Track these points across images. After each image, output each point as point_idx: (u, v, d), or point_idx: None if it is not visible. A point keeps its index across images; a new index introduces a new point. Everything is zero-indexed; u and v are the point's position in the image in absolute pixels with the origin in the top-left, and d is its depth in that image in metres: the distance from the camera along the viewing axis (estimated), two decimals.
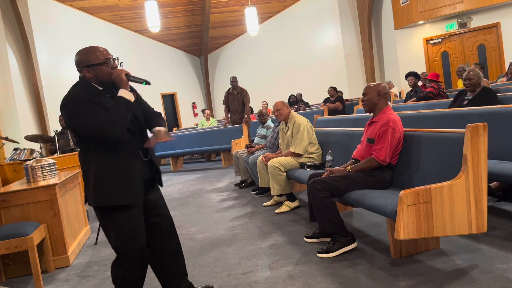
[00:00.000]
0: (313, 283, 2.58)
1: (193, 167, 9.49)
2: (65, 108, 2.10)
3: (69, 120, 2.11)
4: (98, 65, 2.17)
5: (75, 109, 2.09)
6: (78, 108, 2.09)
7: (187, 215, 4.86)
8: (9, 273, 3.50)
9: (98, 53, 2.18)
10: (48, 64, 10.90)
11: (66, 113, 2.10)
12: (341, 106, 9.57)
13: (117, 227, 2.19)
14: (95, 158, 2.16)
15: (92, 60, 2.17)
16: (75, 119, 2.09)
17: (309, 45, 13.64)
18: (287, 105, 4.72)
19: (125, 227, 2.19)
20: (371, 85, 3.26)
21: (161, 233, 2.45)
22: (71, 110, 2.09)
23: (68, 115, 2.10)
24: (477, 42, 10.54)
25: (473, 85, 4.37)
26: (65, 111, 2.11)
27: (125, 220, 2.19)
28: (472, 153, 2.42)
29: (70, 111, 2.09)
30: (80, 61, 2.19)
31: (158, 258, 2.46)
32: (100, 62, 2.17)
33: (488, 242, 2.80)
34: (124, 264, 2.23)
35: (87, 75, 2.18)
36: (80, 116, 2.08)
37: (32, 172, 3.85)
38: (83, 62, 2.17)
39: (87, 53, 2.18)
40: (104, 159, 2.16)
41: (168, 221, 2.48)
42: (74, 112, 2.09)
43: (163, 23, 12.43)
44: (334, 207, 3.03)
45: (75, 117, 2.09)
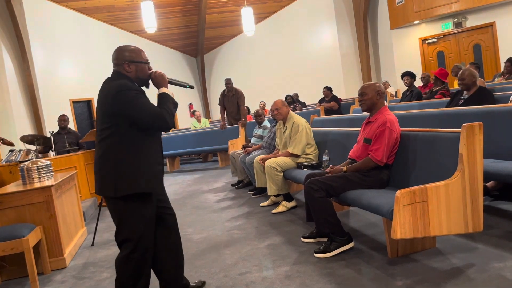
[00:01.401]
0: (310, 283, 2.58)
1: (190, 168, 9.48)
2: (120, 95, 2.19)
3: (124, 105, 2.19)
4: (141, 63, 2.36)
5: (133, 97, 2.22)
6: (136, 96, 2.23)
7: (184, 216, 4.85)
8: (5, 275, 3.49)
9: (142, 53, 2.40)
10: (43, 65, 10.85)
11: (121, 100, 2.19)
12: (336, 105, 9.58)
13: (140, 216, 2.27)
14: (127, 147, 2.24)
15: (137, 58, 2.36)
16: (133, 106, 2.20)
17: (305, 45, 13.65)
18: (287, 104, 4.72)
19: (147, 216, 2.29)
20: (368, 84, 3.26)
21: (167, 227, 2.54)
22: (128, 98, 2.20)
23: (124, 102, 2.19)
24: (473, 42, 10.59)
25: (466, 85, 4.38)
26: (120, 98, 2.19)
27: (147, 209, 2.30)
28: (468, 152, 2.43)
29: (127, 98, 2.20)
30: (124, 55, 2.33)
31: (161, 252, 2.50)
32: (144, 61, 2.38)
33: (484, 241, 2.81)
34: (140, 255, 2.29)
35: (126, 69, 2.33)
36: (139, 104, 2.21)
37: (28, 173, 3.83)
38: (127, 58, 2.33)
39: (134, 51, 2.36)
40: (136, 148, 2.26)
41: (174, 217, 2.60)
42: (132, 100, 2.21)
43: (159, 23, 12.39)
44: (331, 207, 3.03)
45: (133, 104, 2.20)
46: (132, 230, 2.26)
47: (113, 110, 2.21)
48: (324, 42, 13.12)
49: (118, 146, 2.23)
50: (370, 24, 12.60)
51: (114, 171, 2.23)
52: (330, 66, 12.93)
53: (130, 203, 2.25)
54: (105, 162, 2.25)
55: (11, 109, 9.48)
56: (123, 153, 2.23)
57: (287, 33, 14.07)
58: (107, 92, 2.23)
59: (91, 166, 6.12)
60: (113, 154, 2.24)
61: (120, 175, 2.23)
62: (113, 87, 2.23)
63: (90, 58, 12.24)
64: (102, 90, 2.28)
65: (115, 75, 2.34)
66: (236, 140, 7.97)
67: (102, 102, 2.25)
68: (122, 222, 2.28)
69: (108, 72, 2.44)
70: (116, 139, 2.23)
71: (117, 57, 2.34)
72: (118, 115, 2.21)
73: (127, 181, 2.23)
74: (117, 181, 2.22)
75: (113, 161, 2.23)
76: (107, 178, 2.25)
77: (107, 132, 2.23)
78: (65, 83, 11.54)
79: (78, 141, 6.90)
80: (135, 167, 2.24)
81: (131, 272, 2.28)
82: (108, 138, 2.24)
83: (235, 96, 8.40)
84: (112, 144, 2.24)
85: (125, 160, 2.23)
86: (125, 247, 2.28)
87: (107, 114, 2.23)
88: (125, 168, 2.23)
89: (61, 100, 11.31)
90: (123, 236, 2.28)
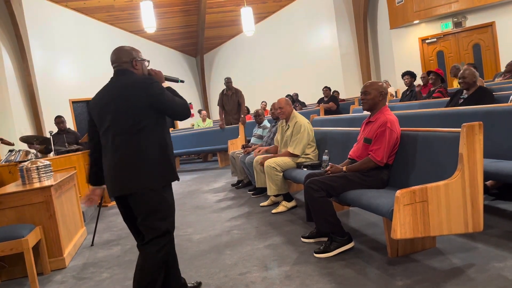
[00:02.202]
0: (310, 283, 2.58)
1: (190, 168, 9.48)
2: (154, 85, 2.29)
3: (159, 97, 2.27)
4: (143, 61, 2.45)
5: (163, 89, 2.33)
6: (164, 88, 2.34)
7: (183, 216, 4.85)
8: (5, 276, 3.48)
9: (140, 53, 2.48)
10: (43, 64, 10.84)
11: (155, 92, 2.27)
12: (334, 106, 9.57)
13: (169, 205, 2.36)
14: (161, 138, 2.33)
15: (140, 56, 2.44)
16: (166, 97, 2.29)
17: (305, 45, 13.65)
18: (291, 104, 4.71)
19: (172, 203, 2.40)
20: (372, 83, 3.21)
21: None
22: (160, 90, 2.31)
23: (158, 93, 2.28)
24: (472, 41, 10.58)
25: (467, 84, 4.38)
26: (154, 90, 2.27)
27: (171, 197, 2.41)
28: (468, 152, 2.43)
29: (160, 90, 2.30)
30: (132, 54, 2.40)
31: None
32: (145, 59, 2.48)
33: (484, 241, 2.81)
34: (171, 238, 2.36)
35: (136, 66, 2.40)
36: (167, 95, 2.31)
37: (28, 173, 3.83)
38: (134, 56, 2.40)
39: (134, 50, 2.43)
40: (166, 139, 2.36)
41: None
42: (163, 91, 2.31)
43: (159, 23, 12.38)
44: (331, 207, 3.03)
45: (165, 95, 2.30)
46: (164, 216, 2.32)
47: (149, 102, 2.25)
48: (324, 42, 13.12)
49: (154, 137, 2.29)
50: (369, 24, 12.59)
51: (155, 161, 2.28)
52: (330, 66, 12.93)
53: (165, 193, 2.33)
54: (140, 155, 2.25)
55: (11, 109, 9.47)
56: (159, 144, 2.31)
57: (286, 33, 14.06)
58: (134, 86, 2.27)
59: None
60: (150, 145, 2.27)
61: (162, 164, 2.30)
62: (141, 80, 2.30)
63: (90, 58, 12.23)
64: (122, 86, 2.29)
65: (124, 72, 2.36)
66: (236, 140, 7.96)
67: (131, 95, 2.26)
68: (161, 216, 2.30)
69: (107, 72, 2.45)
70: (151, 131, 2.29)
71: (125, 55, 2.38)
72: (152, 107, 2.27)
73: (166, 170, 2.32)
74: (160, 171, 2.29)
75: (152, 153, 2.27)
76: (148, 170, 2.26)
77: (140, 124, 2.25)
78: (65, 83, 11.53)
79: (77, 141, 6.89)
80: (168, 157, 2.34)
81: (160, 264, 2.29)
82: (142, 130, 2.26)
83: (235, 94, 8.41)
84: (147, 135, 2.27)
85: (162, 150, 2.31)
86: (160, 241, 2.29)
87: (140, 107, 2.25)
88: (164, 159, 2.31)
89: (60, 100, 11.31)
90: (163, 229, 2.30)
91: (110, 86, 2.36)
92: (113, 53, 2.40)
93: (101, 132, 2.37)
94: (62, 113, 8.50)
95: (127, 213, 2.41)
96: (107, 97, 2.33)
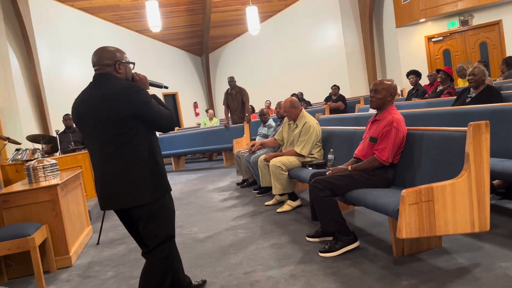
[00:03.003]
0: (315, 283, 2.57)
1: (195, 167, 9.49)
2: (140, 94, 2.11)
3: (144, 106, 2.11)
4: (128, 64, 2.26)
5: (149, 98, 2.16)
6: (150, 97, 2.17)
7: (188, 215, 4.85)
8: (11, 274, 3.51)
9: (125, 54, 2.28)
10: (49, 64, 10.90)
11: (139, 101, 2.10)
12: (343, 105, 9.54)
13: (169, 211, 2.30)
14: (150, 149, 2.19)
15: (124, 58, 2.24)
16: (151, 106, 2.13)
17: (310, 44, 13.62)
18: (296, 105, 4.62)
19: (172, 209, 2.34)
20: (382, 82, 3.16)
21: None
22: (146, 98, 2.13)
23: (143, 102, 2.11)
24: (479, 40, 10.50)
25: (477, 81, 4.34)
26: (140, 97, 2.11)
27: (171, 204, 2.34)
28: (474, 151, 2.41)
29: (145, 99, 2.13)
30: (115, 55, 2.20)
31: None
32: (130, 62, 2.28)
33: (490, 241, 2.79)
34: (175, 250, 2.36)
35: (119, 70, 2.20)
36: (154, 105, 2.15)
37: (34, 172, 3.85)
38: (117, 58, 2.20)
39: (119, 51, 2.23)
40: (155, 148, 2.23)
41: None
42: (149, 100, 2.15)
43: (164, 22, 12.41)
44: (336, 206, 3.02)
45: (151, 104, 2.14)
46: (170, 227, 2.30)
47: (133, 112, 2.08)
48: (329, 41, 13.08)
49: (143, 146, 2.15)
50: (375, 23, 12.54)
51: (148, 172, 2.15)
52: (335, 65, 12.88)
53: (161, 203, 2.24)
54: (128, 170, 2.12)
55: (17, 108, 9.53)
56: (148, 154, 2.17)
57: (292, 31, 14.04)
58: (119, 94, 2.07)
59: None
60: (140, 156, 2.14)
61: (155, 175, 2.18)
62: (125, 88, 2.10)
63: None
64: (103, 95, 2.09)
65: (106, 77, 2.16)
66: (241, 139, 7.97)
67: (113, 105, 2.06)
68: (162, 222, 2.24)
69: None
70: (139, 141, 2.13)
71: (107, 57, 2.18)
72: (137, 117, 2.10)
73: (160, 180, 2.22)
74: (154, 182, 2.18)
75: (143, 163, 2.14)
76: (139, 184, 2.13)
77: (126, 136, 2.10)
78: (71, 82, 11.58)
79: (83, 141, 6.92)
80: (160, 167, 2.23)
81: (165, 270, 2.27)
82: (129, 142, 2.11)
83: (239, 93, 8.41)
84: (135, 146, 2.12)
85: (153, 160, 2.18)
86: (164, 247, 2.25)
87: (125, 117, 2.07)
88: (154, 170, 2.19)
89: (66, 99, 11.32)
90: (165, 235, 2.26)
91: (89, 93, 2.16)
92: (95, 54, 2.20)
93: (86, 143, 2.26)
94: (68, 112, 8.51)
95: (127, 221, 2.35)
96: (87, 105, 2.14)
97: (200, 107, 16.14)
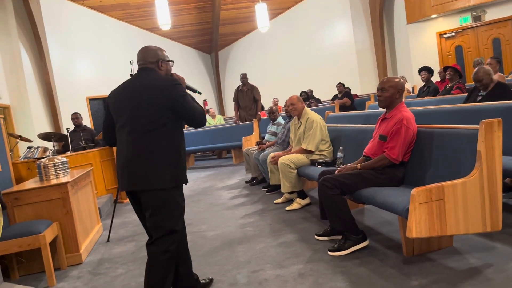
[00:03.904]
0: (323, 282, 2.56)
1: (204, 165, 9.52)
2: (178, 87, 2.31)
3: (180, 99, 2.29)
4: (169, 62, 2.47)
5: (185, 92, 2.36)
6: (186, 92, 2.36)
7: (198, 213, 4.87)
8: (23, 271, 3.55)
9: (166, 52, 2.49)
10: (60, 62, 11.01)
11: (177, 93, 2.29)
12: (349, 101, 9.48)
13: (177, 204, 2.35)
14: (176, 140, 2.33)
15: (166, 57, 2.46)
16: (186, 101, 2.31)
17: (320, 41, 13.54)
18: (302, 100, 4.69)
19: (180, 205, 2.38)
20: (389, 80, 3.12)
21: None
22: (182, 92, 2.33)
23: (180, 95, 2.29)
24: (492, 36, 10.34)
25: (485, 85, 4.28)
26: (178, 90, 2.30)
27: (182, 197, 2.40)
28: (486, 149, 2.37)
29: (182, 93, 2.32)
30: (159, 54, 2.42)
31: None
32: (170, 60, 2.49)
33: (502, 240, 2.75)
34: (176, 248, 2.35)
35: (161, 67, 2.41)
36: (188, 99, 2.33)
37: (45, 170, 3.89)
38: (161, 56, 2.42)
39: (160, 49, 2.44)
40: (180, 141, 2.37)
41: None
42: (185, 94, 2.34)
43: (174, 20, 12.43)
44: (345, 204, 2.99)
45: (186, 99, 2.32)
46: (175, 215, 2.33)
47: (170, 102, 2.26)
48: (339, 37, 12.99)
49: (170, 137, 2.29)
50: (386, 19, 12.41)
51: (167, 162, 2.27)
52: (345, 62, 12.80)
53: (175, 193, 2.32)
54: (154, 154, 2.25)
55: (29, 106, 9.65)
56: (173, 144, 2.31)
57: (301, 28, 13.97)
58: (159, 85, 2.28)
59: (107, 162, 6.19)
60: (165, 145, 2.27)
61: (174, 165, 2.29)
62: (165, 80, 2.31)
63: (106, 55, 12.38)
64: (145, 84, 2.30)
65: (148, 71, 2.37)
66: (250, 136, 7.97)
67: (152, 94, 2.26)
68: (167, 215, 2.30)
69: (124, 69, 2.46)
70: (167, 131, 2.29)
71: (152, 55, 2.39)
72: (172, 108, 2.28)
73: (178, 171, 2.31)
74: (172, 171, 2.28)
75: (164, 153, 2.27)
76: (160, 169, 2.25)
77: (156, 124, 2.26)
78: (81, 80, 11.70)
79: (93, 138, 6.98)
80: (181, 159, 2.34)
81: (166, 265, 2.30)
82: (158, 130, 2.27)
83: (250, 90, 8.40)
84: (163, 135, 2.28)
85: (175, 152, 2.31)
86: (167, 240, 2.29)
87: (160, 106, 2.26)
88: (176, 160, 2.31)
89: (77, 97, 11.47)
90: (169, 228, 2.30)
91: (132, 82, 2.37)
92: (140, 52, 2.42)
93: (117, 126, 2.39)
94: (79, 110, 8.62)
95: (139, 209, 2.43)
96: (128, 92, 2.34)
97: (209, 105, 16.17)
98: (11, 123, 9.38)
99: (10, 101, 9.46)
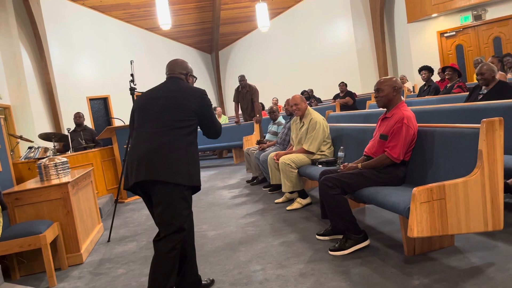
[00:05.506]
0: (325, 281, 2.55)
1: (205, 164, 9.51)
2: (206, 98, 2.51)
3: (207, 108, 2.50)
4: (194, 77, 2.70)
5: (211, 104, 2.56)
6: (211, 105, 2.56)
7: (198, 212, 4.86)
8: (24, 271, 3.55)
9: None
10: (61, 62, 11.02)
11: (206, 102, 2.50)
12: (351, 101, 9.49)
13: (186, 204, 2.42)
14: (194, 143, 2.47)
15: (192, 71, 2.69)
16: (212, 112, 2.55)
17: (321, 40, 13.54)
18: (305, 100, 4.68)
19: (189, 203, 2.45)
20: (384, 80, 3.15)
21: None
22: (210, 103, 2.54)
23: (207, 105, 2.51)
24: (493, 35, 10.33)
25: (486, 80, 4.27)
26: (207, 100, 2.51)
27: (191, 200, 2.49)
28: (487, 148, 2.36)
29: (209, 103, 2.53)
30: (187, 67, 2.66)
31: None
32: (195, 76, 2.72)
33: (504, 240, 2.74)
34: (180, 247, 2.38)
35: (190, 80, 2.65)
36: (212, 112, 2.56)
37: (45, 170, 3.89)
38: (188, 70, 2.65)
39: (188, 64, 2.68)
40: (196, 148, 2.50)
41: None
42: (211, 106, 2.55)
43: (174, 20, 12.45)
44: (346, 204, 2.99)
45: (211, 110, 2.55)
46: (183, 219, 2.36)
47: (199, 109, 2.45)
48: (340, 37, 12.98)
49: (190, 139, 2.42)
50: (386, 18, 12.41)
51: (187, 161, 2.36)
52: (346, 61, 12.80)
53: (187, 193, 2.39)
54: (176, 150, 2.34)
55: (30, 106, 9.66)
56: (192, 147, 2.43)
57: (302, 28, 13.97)
58: (192, 91, 2.47)
59: (108, 162, 6.19)
60: (185, 145, 2.37)
61: (192, 166, 2.39)
62: (197, 89, 2.51)
63: (106, 56, 12.38)
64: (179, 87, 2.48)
65: (179, 79, 2.57)
66: (250, 136, 7.96)
67: (184, 98, 2.42)
68: (178, 212, 2.34)
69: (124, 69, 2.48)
70: (189, 133, 2.42)
71: (182, 67, 2.61)
72: (199, 114, 2.45)
73: (195, 172, 2.41)
74: (190, 171, 2.36)
75: (185, 151, 2.36)
76: (180, 165, 2.33)
77: (182, 123, 2.39)
78: (82, 80, 11.70)
79: (94, 138, 6.98)
80: (198, 162, 2.47)
81: (172, 262, 2.31)
82: (184, 129, 2.39)
83: (249, 92, 8.39)
84: (184, 136, 2.39)
85: (194, 154, 2.43)
86: (175, 238, 2.32)
87: (190, 109, 2.41)
88: (194, 161, 2.42)
89: (78, 97, 11.49)
90: (178, 225, 2.33)
91: (164, 86, 2.53)
92: (170, 64, 2.62)
93: (142, 121, 2.46)
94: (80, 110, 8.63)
95: (151, 205, 2.47)
96: (160, 92, 2.49)
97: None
98: (11, 123, 9.38)
99: (10, 101, 9.47)
